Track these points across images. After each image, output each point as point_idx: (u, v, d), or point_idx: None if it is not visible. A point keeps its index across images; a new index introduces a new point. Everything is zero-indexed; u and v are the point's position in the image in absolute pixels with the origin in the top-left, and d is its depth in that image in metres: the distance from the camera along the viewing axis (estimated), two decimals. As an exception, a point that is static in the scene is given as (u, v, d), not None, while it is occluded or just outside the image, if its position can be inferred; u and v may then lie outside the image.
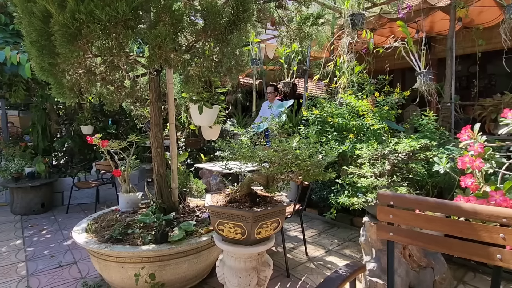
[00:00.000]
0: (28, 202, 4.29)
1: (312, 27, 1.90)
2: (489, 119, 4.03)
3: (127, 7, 1.23)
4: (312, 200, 4.00)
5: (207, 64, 1.65)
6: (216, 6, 1.54)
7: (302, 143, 1.67)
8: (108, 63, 1.76)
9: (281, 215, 1.74)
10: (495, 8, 3.88)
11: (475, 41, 4.21)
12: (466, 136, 1.82)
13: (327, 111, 3.47)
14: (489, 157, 1.78)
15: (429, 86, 3.26)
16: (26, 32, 1.54)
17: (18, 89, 4.89)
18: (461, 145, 1.87)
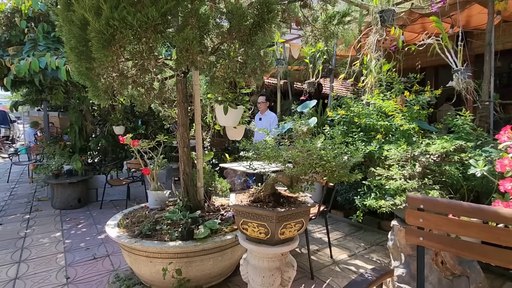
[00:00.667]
0: (66, 197, 4.59)
1: (338, 26, 1.87)
2: (533, 119, 3.72)
3: (157, 12, 1.29)
4: (338, 202, 3.92)
5: (232, 65, 1.68)
6: (241, 8, 1.57)
7: (327, 143, 1.64)
8: (138, 66, 1.85)
9: (305, 216, 1.73)
10: (540, -1, 3.58)
11: (518, 35, 3.91)
12: (505, 137, 1.70)
13: (353, 111, 3.39)
14: (533, 160, 1.65)
15: (468, 83, 3.06)
16: (66, 39, 1.66)
17: (58, 92, 5.25)
18: (500, 146, 1.75)
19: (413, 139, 2.91)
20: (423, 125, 3.12)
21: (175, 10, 1.48)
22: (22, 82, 4.89)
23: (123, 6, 1.31)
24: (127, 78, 1.93)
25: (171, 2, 1.32)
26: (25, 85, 5.46)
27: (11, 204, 4.87)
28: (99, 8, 1.34)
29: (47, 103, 6.20)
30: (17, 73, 3.79)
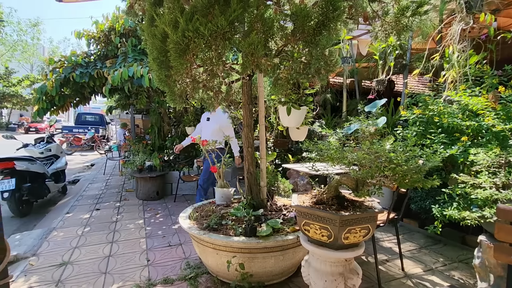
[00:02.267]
0: (147, 190, 5.22)
1: (413, 18, 1.70)
2: None
3: (225, 21, 1.38)
4: (411, 210, 3.57)
5: (296, 66, 1.69)
6: (305, 9, 1.57)
7: (398, 145, 1.52)
8: (208, 72, 2.00)
9: (372, 222, 1.63)
10: None
11: None
12: None
13: (432, 110, 3.05)
14: None
15: None
16: (149, 51, 1.90)
17: (142, 97, 6.01)
18: None
19: (509, 142, 2.48)
20: (524, 126, 2.63)
21: (241, 17, 1.57)
22: (115, 89, 5.74)
23: (196, 18, 1.44)
24: (199, 83, 2.10)
25: (238, 10, 1.40)
26: (117, 92, 6.41)
27: (106, 193, 5.74)
28: (177, 21, 1.50)
29: (133, 107, 7.13)
30: (112, 82, 4.45)
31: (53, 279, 2.51)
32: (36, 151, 5.33)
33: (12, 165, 4.31)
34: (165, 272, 2.61)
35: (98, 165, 9.46)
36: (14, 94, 25.77)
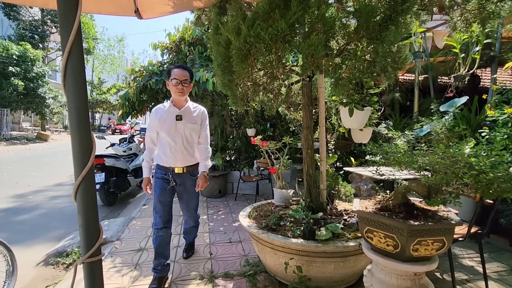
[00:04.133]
0: (211, 188, 5.55)
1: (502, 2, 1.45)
2: None
3: (285, 24, 1.40)
4: (501, 224, 3.07)
5: (359, 65, 1.61)
6: (369, 4, 1.48)
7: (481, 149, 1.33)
8: (268, 75, 2.05)
9: (448, 235, 1.46)
10: None
11: None
12: None
13: (529, 108, 2.58)
14: None
15: None
16: (214, 57, 2.04)
17: (207, 100, 6.42)
18: None
19: None
20: None
21: (301, 18, 1.56)
22: (184, 94, 6.25)
23: (257, 24, 1.49)
24: (259, 86, 2.16)
25: (298, 12, 1.40)
26: (186, 97, 6.96)
27: (175, 189, 6.29)
28: (239, 28, 1.58)
29: (200, 110, 7.65)
30: (182, 88, 4.87)
31: (133, 262, 2.86)
32: (120, 150, 6.14)
33: (103, 161, 5.05)
34: (226, 266, 2.74)
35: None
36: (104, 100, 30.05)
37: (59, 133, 23.75)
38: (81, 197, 0.88)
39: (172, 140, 2.37)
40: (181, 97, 2.34)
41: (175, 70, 2.30)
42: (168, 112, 2.39)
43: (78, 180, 0.87)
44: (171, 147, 2.37)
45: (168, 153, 2.38)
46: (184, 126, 2.39)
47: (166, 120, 2.37)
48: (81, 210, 0.88)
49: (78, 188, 0.88)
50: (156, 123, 2.38)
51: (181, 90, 2.30)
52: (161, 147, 2.42)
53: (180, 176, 2.44)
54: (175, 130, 2.37)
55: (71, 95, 0.84)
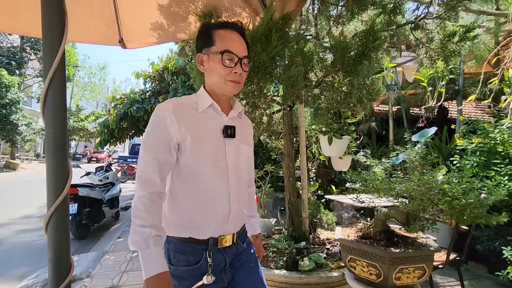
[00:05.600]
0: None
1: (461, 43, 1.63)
2: None
3: (267, 56, 1.48)
4: (478, 251, 3.14)
5: (336, 96, 1.70)
6: (344, 41, 1.60)
7: (452, 176, 1.40)
8: (250, 104, 2.10)
9: (427, 262, 1.47)
10: None
11: None
12: None
13: (494, 138, 2.77)
14: None
15: None
16: (197, 86, 2.08)
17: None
18: None
19: None
20: None
21: (282, 52, 1.65)
22: (166, 122, 6.23)
23: (240, 56, 1.57)
24: (241, 114, 2.21)
25: (279, 46, 1.49)
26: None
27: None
28: (222, 59, 1.65)
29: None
30: (163, 116, 4.87)
31: (103, 301, 2.64)
32: (96, 179, 5.88)
33: (76, 191, 4.80)
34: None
35: (147, 193, 10.03)
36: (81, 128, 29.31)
37: (29, 162, 22.58)
38: (53, 229, 0.83)
39: (219, 178, 1.08)
40: (235, 90, 1.10)
41: (226, 34, 1.07)
42: (205, 117, 1.09)
43: (51, 211, 0.82)
44: (217, 194, 1.08)
45: (210, 208, 1.07)
46: (239, 151, 1.15)
47: (203, 134, 1.06)
48: (52, 243, 0.83)
49: (50, 219, 0.83)
50: (176, 137, 1.02)
51: (239, 79, 1.08)
52: (189, 196, 1.07)
53: (230, 251, 1.13)
54: (223, 157, 1.10)
55: (50, 122, 0.83)
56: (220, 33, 1.06)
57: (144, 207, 0.94)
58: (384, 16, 1.88)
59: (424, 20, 1.79)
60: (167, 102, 1.06)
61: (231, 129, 1.10)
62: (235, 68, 1.04)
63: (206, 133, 1.06)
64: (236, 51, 1.04)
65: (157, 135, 1.02)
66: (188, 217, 1.06)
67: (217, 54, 1.03)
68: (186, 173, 1.05)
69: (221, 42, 1.04)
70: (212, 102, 1.07)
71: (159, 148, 1.01)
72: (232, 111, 1.14)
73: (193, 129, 1.03)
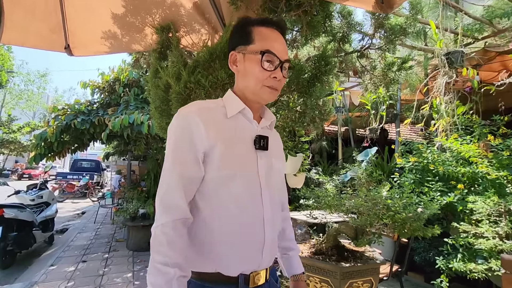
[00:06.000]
0: (139, 240, 4.98)
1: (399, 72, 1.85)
2: None
3: (225, 74, 1.49)
4: (415, 262, 3.41)
5: (291, 115, 1.77)
6: (299, 63, 1.70)
7: (394, 192, 1.52)
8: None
9: (374, 275, 1.55)
10: None
11: None
12: None
13: (426, 158, 3.10)
14: None
15: None
16: (152, 100, 1.99)
17: (141, 143, 6.09)
18: None
19: (507, 190, 2.48)
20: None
21: (240, 70, 1.69)
22: (115, 136, 5.84)
23: (198, 71, 1.55)
24: (198, 130, 2.17)
25: (237, 64, 1.53)
26: (116, 139, 6.51)
27: (95, 243, 5.47)
28: (180, 74, 1.61)
29: (131, 153, 7.18)
30: (112, 128, 4.56)
31: None
32: (27, 198, 5.19)
33: (1, 213, 4.16)
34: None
35: (89, 213, 9.15)
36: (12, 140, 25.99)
37: None
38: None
39: (252, 198, 0.90)
40: (271, 97, 0.94)
41: (268, 32, 0.93)
42: (235, 124, 0.93)
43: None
44: (250, 219, 0.89)
45: (242, 235, 0.88)
46: (271, 166, 0.96)
47: (233, 144, 0.89)
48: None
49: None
50: (204, 145, 0.85)
51: (278, 85, 0.93)
52: (215, 220, 0.87)
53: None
54: (255, 173, 0.91)
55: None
56: (261, 31, 0.91)
57: (166, 240, 0.78)
58: (334, 44, 2.05)
59: (368, 50, 2.00)
60: (190, 105, 0.91)
61: (264, 139, 0.92)
62: (274, 72, 0.89)
63: (236, 143, 0.89)
64: (279, 53, 0.89)
65: (183, 147, 0.84)
66: (214, 247, 0.85)
67: (256, 54, 0.88)
68: (212, 191, 0.86)
69: (262, 41, 0.90)
70: (244, 107, 0.92)
71: (186, 163, 0.84)
72: (263, 120, 0.99)
73: (223, 137, 0.86)
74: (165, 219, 0.80)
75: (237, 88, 0.96)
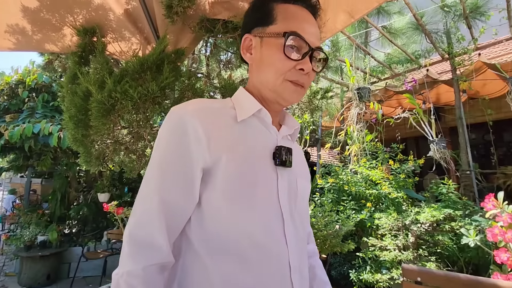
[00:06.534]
0: (35, 273, 4.14)
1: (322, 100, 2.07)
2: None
3: (157, 86, 1.41)
4: (332, 276, 3.67)
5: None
6: (233, 83, 1.74)
7: (317, 211, 1.63)
8: (133, 134, 1.92)
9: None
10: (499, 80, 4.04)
11: (484, 111, 4.33)
12: (491, 205, 1.73)
13: (342, 179, 3.45)
14: (521, 228, 1.66)
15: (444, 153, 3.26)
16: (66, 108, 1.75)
17: (46, 158, 5.23)
18: (487, 214, 1.77)
19: (403, 207, 2.92)
20: (411, 194, 3.17)
21: (173, 84, 1.63)
22: (11, 148, 4.88)
23: (126, 81, 1.44)
24: (121, 145, 1.97)
25: (171, 78, 1.47)
26: (13, 151, 5.44)
27: (-31, 281, 4.33)
28: (103, 82, 1.46)
29: (32, 169, 6.10)
30: (10, 139, 3.82)
31: None
32: None
33: None
34: None
35: (-36, 243, 7.27)
36: None
37: None
38: None
39: (271, 230, 0.63)
40: (294, 97, 0.69)
41: (295, 10, 0.69)
42: (248, 130, 0.67)
43: None
44: (270, 270, 0.61)
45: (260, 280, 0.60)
46: (296, 188, 0.71)
47: (244, 157, 0.64)
48: None
49: None
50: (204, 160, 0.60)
51: (305, 80, 0.68)
52: (219, 260, 0.59)
53: None
54: (275, 197, 0.65)
55: None
56: (287, 8, 0.67)
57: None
58: (266, 69, 2.17)
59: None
60: (187, 103, 0.66)
61: (287, 152, 0.66)
62: (301, 62, 0.64)
63: (248, 156, 0.63)
64: (308, 37, 0.65)
65: (172, 161, 0.61)
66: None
67: (278, 38, 0.64)
68: (215, 220, 0.60)
69: (287, 20, 0.66)
70: (260, 108, 0.67)
71: (173, 185, 0.59)
72: (284, 127, 0.73)
73: (230, 147, 0.62)
74: (133, 264, 0.56)
75: (250, 84, 0.73)
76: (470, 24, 3.80)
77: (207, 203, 0.60)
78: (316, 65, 0.68)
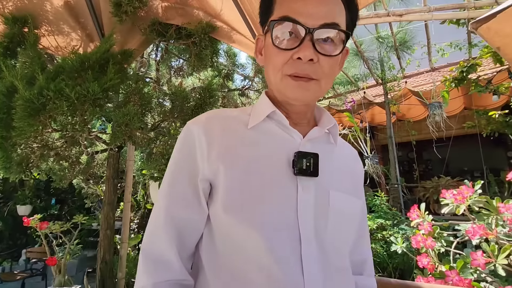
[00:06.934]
0: None
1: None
2: (432, 200, 4.44)
3: (99, 87, 1.30)
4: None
5: (172, 142, 1.70)
6: (184, 91, 1.69)
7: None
8: (67, 138, 1.72)
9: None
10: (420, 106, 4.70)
11: (409, 131, 4.94)
12: (415, 215, 1.95)
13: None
14: (438, 236, 1.90)
15: (376, 168, 3.61)
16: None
17: (-50, 162, 4.39)
18: (412, 223, 1.98)
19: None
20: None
21: (117, 87, 1.52)
22: None
23: (61, 79, 1.29)
24: (50, 150, 1.75)
25: (115, 79, 1.36)
26: None
27: None
28: (33, 78, 1.29)
29: None
30: None
31: None
32: None
33: None
34: None
35: None
36: None
37: None
38: None
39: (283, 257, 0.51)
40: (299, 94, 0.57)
41: None
42: (259, 136, 0.60)
43: None
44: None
45: None
46: (327, 204, 0.57)
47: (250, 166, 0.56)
48: None
49: None
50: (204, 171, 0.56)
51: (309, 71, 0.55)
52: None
53: None
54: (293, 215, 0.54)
55: None
56: None
57: None
58: (219, 79, 2.17)
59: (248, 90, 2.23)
60: (204, 113, 0.63)
61: (310, 158, 0.55)
62: (298, 50, 0.53)
63: (255, 165, 0.55)
64: (305, 17, 0.53)
65: (181, 171, 0.57)
66: None
67: (270, 28, 0.57)
68: (220, 237, 0.55)
69: (281, 5, 0.57)
70: (273, 110, 0.59)
71: (181, 198, 0.56)
72: (315, 129, 0.61)
73: (231, 156, 0.55)
74: (145, 280, 0.53)
75: (269, 88, 0.66)
76: (399, 55, 4.36)
77: (212, 218, 0.56)
78: (327, 47, 0.54)
